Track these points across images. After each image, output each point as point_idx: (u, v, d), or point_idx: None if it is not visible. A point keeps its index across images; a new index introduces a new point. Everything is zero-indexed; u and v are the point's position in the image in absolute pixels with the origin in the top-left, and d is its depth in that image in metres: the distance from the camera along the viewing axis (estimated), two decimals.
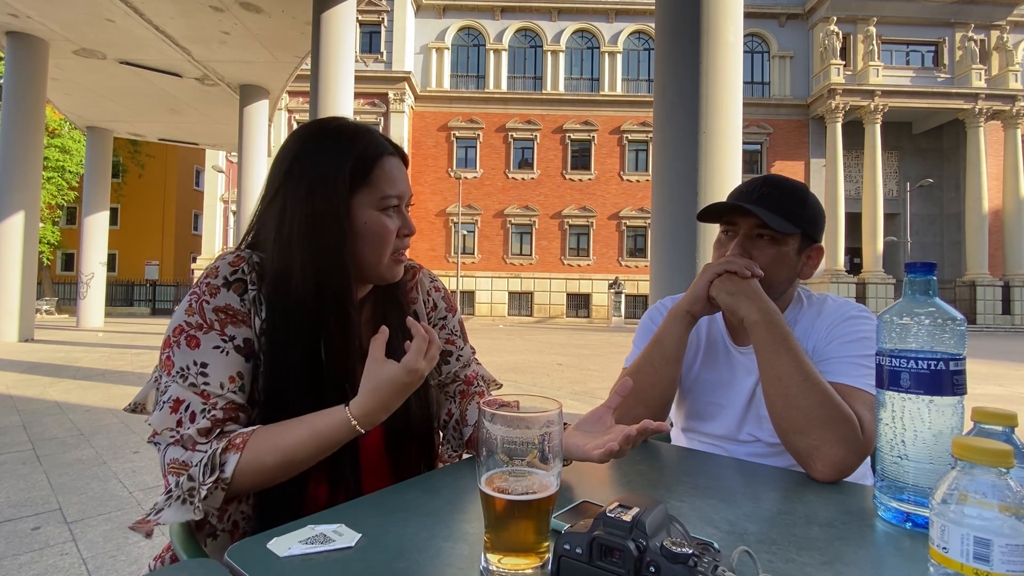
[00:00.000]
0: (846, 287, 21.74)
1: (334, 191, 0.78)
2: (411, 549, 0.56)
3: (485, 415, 0.48)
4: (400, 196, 0.82)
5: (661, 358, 1.00)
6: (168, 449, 0.70)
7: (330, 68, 7.00)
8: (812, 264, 1.04)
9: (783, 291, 1.03)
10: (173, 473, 0.68)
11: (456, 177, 22.46)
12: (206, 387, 0.71)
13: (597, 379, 7.34)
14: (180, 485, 0.67)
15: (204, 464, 0.67)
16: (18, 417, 4.29)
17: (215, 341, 0.73)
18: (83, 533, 2.23)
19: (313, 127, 0.84)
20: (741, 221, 1.01)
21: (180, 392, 0.71)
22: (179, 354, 0.72)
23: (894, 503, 0.64)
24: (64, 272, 28.24)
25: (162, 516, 0.66)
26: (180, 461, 0.69)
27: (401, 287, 0.94)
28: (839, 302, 1.03)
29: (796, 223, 0.98)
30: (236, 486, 0.67)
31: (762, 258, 0.99)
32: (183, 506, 0.66)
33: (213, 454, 0.67)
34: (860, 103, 22.48)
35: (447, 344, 0.99)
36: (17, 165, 10.11)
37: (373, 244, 0.80)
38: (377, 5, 23.41)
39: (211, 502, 0.67)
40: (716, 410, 1.04)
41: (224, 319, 0.75)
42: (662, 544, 0.42)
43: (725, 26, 3.64)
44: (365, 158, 0.80)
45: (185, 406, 0.71)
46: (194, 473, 0.67)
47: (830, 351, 0.96)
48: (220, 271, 0.77)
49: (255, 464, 0.68)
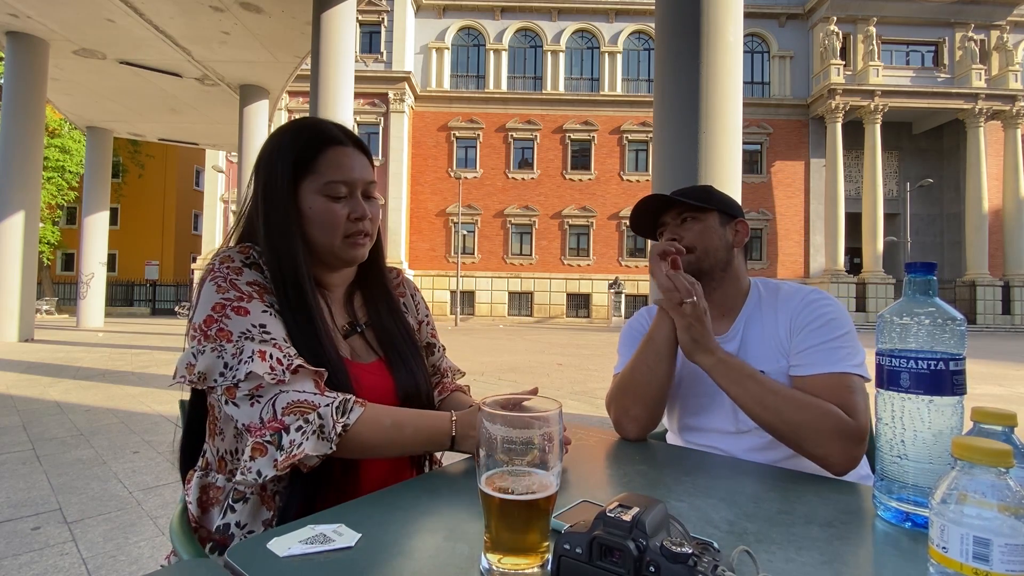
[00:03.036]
0: (846, 287, 21.74)
1: (280, 179, 0.84)
2: (411, 549, 0.56)
3: (485, 415, 0.48)
4: (348, 182, 0.87)
5: (655, 355, 1.02)
6: (280, 396, 0.73)
7: (330, 68, 7.00)
8: (742, 233, 1.13)
9: (724, 259, 1.10)
10: (298, 412, 0.72)
11: (456, 177, 22.44)
12: (275, 340, 0.76)
13: (597, 379, 7.34)
14: (311, 421, 0.72)
15: (336, 406, 0.73)
16: (18, 417, 4.29)
17: (261, 307, 0.78)
18: (83, 533, 2.23)
19: (276, 130, 0.91)
20: (666, 218, 1.14)
21: (258, 346, 0.74)
22: (232, 323, 0.75)
23: (894, 503, 0.64)
24: (64, 272, 28.24)
25: (305, 448, 0.70)
26: (308, 402, 0.73)
27: (388, 279, 1.03)
28: (793, 289, 1.08)
29: (708, 203, 1.10)
30: (352, 436, 0.73)
31: (690, 234, 1.09)
32: (320, 441, 0.71)
33: (344, 400, 0.74)
34: (860, 103, 22.48)
35: (431, 338, 1.11)
36: (17, 165, 10.11)
37: (322, 227, 0.86)
38: (377, 5, 23.40)
39: (338, 442, 0.72)
40: (707, 401, 1.06)
41: (260, 290, 0.80)
42: (662, 544, 0.42)
43: (725, 26, 3.64)
44: (309, 147, 0.86)
45: (270, 355, 0.74)
46: (324, 412, 0.72)
47: (800, 342, 0.99)
48: (233, 257, 0.82)
49: (373, 422, 0.75)
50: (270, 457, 0.70)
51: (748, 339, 1.06)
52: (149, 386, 5.62)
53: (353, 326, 0.94)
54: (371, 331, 0.96)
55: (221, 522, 0.77)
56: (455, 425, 0.81)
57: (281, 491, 0.78)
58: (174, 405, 4.45)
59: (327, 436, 0.72)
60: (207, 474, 0.83)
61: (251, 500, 0.78)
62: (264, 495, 0.78)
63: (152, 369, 7.19)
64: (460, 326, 19.80)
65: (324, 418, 0.72)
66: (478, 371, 7.53)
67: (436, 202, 24.15)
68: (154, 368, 7.29)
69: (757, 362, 1.01)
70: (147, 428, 4.00)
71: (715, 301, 1.09)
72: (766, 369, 1.00)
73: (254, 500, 0.78)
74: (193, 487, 0.82)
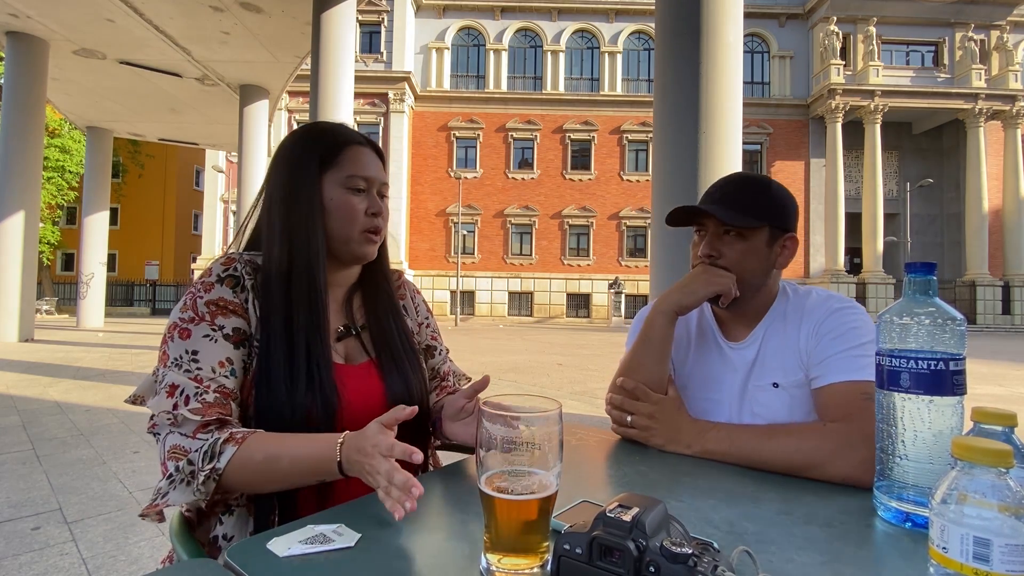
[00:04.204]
0: (846, 287, 21.73)
1: (306, 172, 0.88)
2: (411, 549, 0.56)
3: (485, 415, 0.48)
4: (367, 179, 0.91)
5: (651, 356, 1.01)
6: (168, 437, 0.74)
7: (330, 68, 7.00)
8: (788, 254, 1.04)
9: (760, 283, 1.02)
10: (173, 459, 0.73)
11: (456, 177, 22.44)
12: (199, 372, 0.77)
13: (597, 379, 7.34)
14: (181, 469, 0.71)
15: (204, 451, 0.71)
16: (18, 417, 4.29)
17: (204, 331, 0.79)
18: (83, 533, 2.23)
19: (294, 131, 0.94)
20: (708, 221, 1.03)
21: (175, 378, 0.76)
22: (172, 346, 0.78)
23: (894, 503, 0.64)
24: (64, 272, 28.23)
25: (169, 498, 0.71)
26: (181, 447, 0.73)
27: (391, 281, 1.03)
28: (823, 296, 1.02)
29: (758, 216, 0.99)
30: (227, 478, 0.71)
31: (732, 254, 1.00)
32: (187, 488, 0.71)
33: (214, 443, 0.72)
34: (860, 103, 22.48)
35: (431, 340, 1.09)
36: (17, 165, 10.11)
37: (342, 219, 0.88)
38: (377, 5, 23.40)
39: (206, 488, 0.70)
40: (711, 406, 1.04)
41: (215, 311, 0.81)
42: (662, 544, 0.42)
43: (725, 26, 3.64)
44: (334, 144, 0.90)
45: (180, 391, 0.75)
46: (193, 458, 0.71)
47: (822, 350, 0.95)
48: (214, 271, 0.84)
49: (244, 461, 0.71)
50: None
51: (767, 349, 1.01)
52: None
53: (348, 328, 0.93)
54: (367, 333, 0.95)
55: (211, 535, 0.78)
56: (340, 449, 0.68)
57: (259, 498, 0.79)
58: None
59: (195, 485, 0.70)
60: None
61: (236, 512, 0.79)
62: (249, 506, 0.79)
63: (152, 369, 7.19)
64: (460, 326, 19.80)
65: (193, 463, 0.71)
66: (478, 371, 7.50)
67: (436, 202, 24.15)
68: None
69: (772, 373, 0.98)
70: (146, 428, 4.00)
71: (735, 311, 1.04)
72: (780, 381, 0.97)
73: (240, 512, 0.79)
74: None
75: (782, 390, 0.97)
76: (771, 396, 0.98)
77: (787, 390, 0.97)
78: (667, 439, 0.93)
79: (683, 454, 0.91)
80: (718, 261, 1.01)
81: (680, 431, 0.93)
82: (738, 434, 0.89)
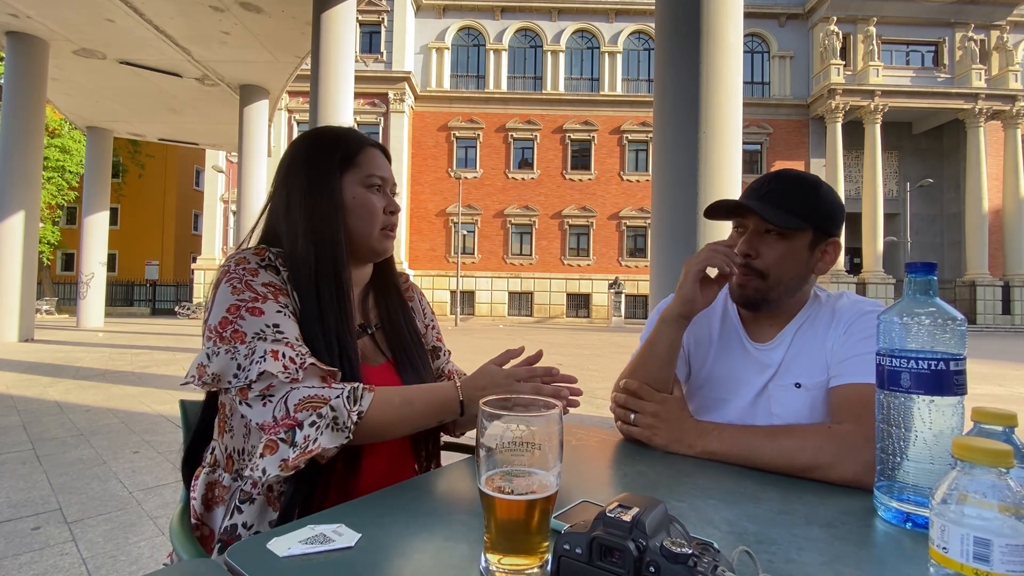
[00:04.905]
0: (846, 287, 21.67)
1: (327, 173, 0.90)
2: (411, 549, 0.56)
3: (485, 415, 0.48)
4: (383, 178, 0.95)
5: (655, 361, 1.00)
6: (292, 394, 0.75)
7: (330, 68, 7.00)
8: (828, 260, 1.00)
9: (796, 287, 1.00)
10: (310, 408, 0.74)
11: (456, 177, 22.43)
12: (288, 340, 0.78)
13: (597, 379, 7.33)
14: (324, 415, 0.74)
15: (347, 396, 0.76)
16: (18, 417, 4.29)
17: (275, 307, 0.80)
18: (83, 533, 2.23)
19: (307, 134, 0.98)
20: (749, 217, 1.00)
21: (270, 346, 0.76)
22: (247, 324, 0.78)
23: (894, 503, 0.64)
24: (64, 272, 28.23)
25: (320, 442, 0.72)
26: (319, 396, 0.75)
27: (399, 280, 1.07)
28: (853, 300, 1.00)
29: (804, 218, 0.96)
30: (367, 421, 0.76)
31: (771, 254, 0.97)
32: (335, 433, 0.74)
33: (354, 388, 0.77)
34: (860, 103, 22.48)
35: (436, 341, 1.14)
36: (17, 165, 10.11)
37: (363, 217, 0.92)
38: (377, 5, 23.40)
39: (356, 430, 0.75)
40: (721, 404, 1.04)
41: (274, 291, 0.82)
42: (662, 544, 0.42)
43: (725, 26, 3.65)
44: (353, 146, 0.94)
45: (282, 354, 0.76)
46: (336, 404, 0.75)
47: (847, 350, 0.94)
48: (248, 259, 0.84)
49: (384, 404, 0.78)
50: (278, 456, 0.72)
51: (794, 351, 1.00)
52: (149, 386, 5.61)
53: (364, 327, 0.96)
54: (381, 333, 0.98)
55: (228, 523, 0.77)
56: (461, 390, 0.84)
57: (286, 491, 0.79)
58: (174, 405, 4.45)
59: (342, 426, 0.74)
60: (214, 471, 0.84)
61: (257, 501, 0.78)
62: (270, 496, 0.79)
63: (152, 369, 7.19)
64: (460, 326, 19.80)
65: (337, 409, 0.75)
66: None
67: (436, 202, 24.15)
68: (154, 368, 7.29)
69: (798, 374, 0.97)
70: (147, 428, 4.00)
71: (766, 312, 1.03)
72: (804, 382, 0.96)
73: (260, 501, 0.79)
74: (200, 483, 0.83)
75: (804, 391, 0.96)
76: (792, 396, 0.97)
77: (809, 391, 0.96)
78: (670, 439, 0.93)
79: (685, 454, 0.91)
80: (754, 262, 0.98)
81: (683, 431, 0.93)
82: (740, 435, 0.88)
